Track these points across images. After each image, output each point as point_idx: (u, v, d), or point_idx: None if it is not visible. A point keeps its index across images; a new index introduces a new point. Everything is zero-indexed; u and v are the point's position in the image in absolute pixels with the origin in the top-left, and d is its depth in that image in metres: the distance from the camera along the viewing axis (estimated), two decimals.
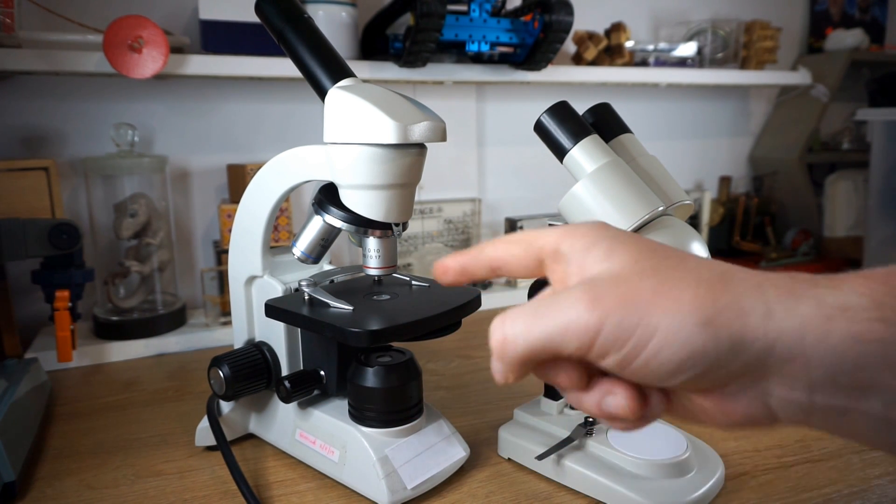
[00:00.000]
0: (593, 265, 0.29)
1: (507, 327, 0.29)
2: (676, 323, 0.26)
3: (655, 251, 0.28)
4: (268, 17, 0.53)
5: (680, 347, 0.26)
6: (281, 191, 0.54)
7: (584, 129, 0.49)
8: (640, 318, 0.26)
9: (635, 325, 0.26)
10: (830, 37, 1.44)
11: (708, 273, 0.27)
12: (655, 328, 0.26)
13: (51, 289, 0.76)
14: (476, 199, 1.16)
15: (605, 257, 0.28)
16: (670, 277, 0.27)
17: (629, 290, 0.26)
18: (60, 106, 0.94)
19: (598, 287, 0.27)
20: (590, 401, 0.30)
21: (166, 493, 0.54)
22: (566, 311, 0.27)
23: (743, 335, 0.25)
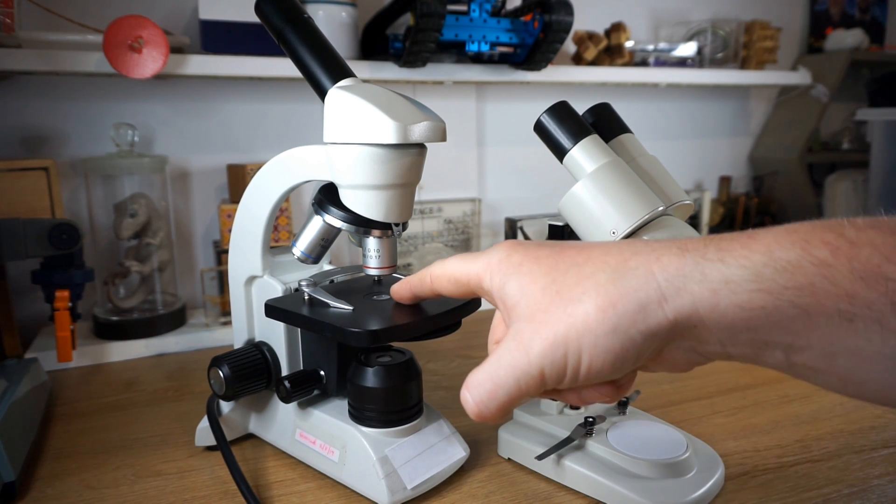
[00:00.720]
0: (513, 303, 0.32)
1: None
2: (592, 339, 0.29)
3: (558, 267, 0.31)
4: (268, 17, 0.53)
5: (605, 356, 0.29)
6: (281, 191, 0.54)
7: (584, 129, 0.49)
8: (565, 349, 0.30)
9: (564, 356, 0.30)
10: (830, 37, 1.44)
11: (603, 275, 0.30)
12: (578, 351, 0.30)
13: (51, 289, 0.76)
14: (476, 199, 1.16)
15: (520, 293, 0.32)
16: (574, 297, 0.30)
17: (547, 327, 0.30)
18: (60, 106, 0.94)
19: (523, 333, 0.31)
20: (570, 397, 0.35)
21: (166, 493, 0.54)
22: (513, 370, 0.31)
23: (647, 326, 0.29)
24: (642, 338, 0.29)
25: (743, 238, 0.29)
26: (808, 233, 0.27)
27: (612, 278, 0.30)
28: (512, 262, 0.33)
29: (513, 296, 0.32)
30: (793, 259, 0.27)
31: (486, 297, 0.35)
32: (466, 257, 0.36)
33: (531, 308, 0.31)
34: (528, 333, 0.30)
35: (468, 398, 0.33)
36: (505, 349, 0.31)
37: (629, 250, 0.31)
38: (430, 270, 0.38)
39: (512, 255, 0.33)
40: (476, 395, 0.32)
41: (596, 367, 0.30)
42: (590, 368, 0.30)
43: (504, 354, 0.31)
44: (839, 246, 0.26)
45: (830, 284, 0.26)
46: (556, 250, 0.33)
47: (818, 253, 0.27)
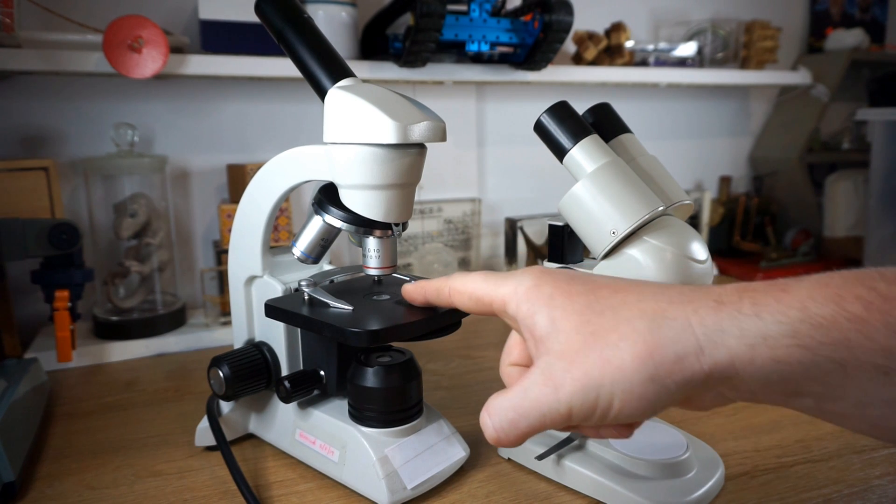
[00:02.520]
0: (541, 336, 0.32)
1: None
2: (627, 386, 0.29)
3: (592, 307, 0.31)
4: (268, 17, 0.53)
5: (637, 403, 0.30)
6: (281, 191, 0.54)
7: (584, 129, 0.49)
8: (597, 392, 0.30)
9: (595, 399, 0.30)
10: (830, 37, 1.44)
11: (640, 323, 0.30)
12: (612, 395, 0.30)
13: (51, 289, 0.76)
14: (476, 199, 1.16)
15: (550, 327, 0.32)
16: (610, 342, 0.30)
17: (580, 368, 0.30)
18: (60, 106, 0.94)
19: (554, 371, 0.31)
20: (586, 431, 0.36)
21: (166, 493, 0.54)
22: (538, 402, 0.31)
23: (683, 377, 0.29)
24: (676, 387, 0.29)
25: (776, 291, 0.29)
26: (840, 287, 0.28)
27: (650, 327, 0.30)
28: (542, 293, 0.33)
29: (543, 328, 0.32)
30: (827, 315, 0.27)
31: (508, 321, 0.35)
32: (490, 277, 0.36)
33: (563, 346, 0.31)
34: (560, 371, 0.30)
35: (488, 423, 0.33)
36: (532, 382, 0.31)
37: (665, 299, 0.31)
38: (451, 283, 0.38)
39: (542, 286, 0.33)
40: (497, 421, 0.32)
41: (626, 411, 0.30)
42: (619, 412, 0.30)
43: (531, 387, 0.31)
44: (872, 301, 0.27)
45: (866, 339, 0.27)
46: (589, 288, 0.32)
47: (852, 308, 0.27)
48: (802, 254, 1.35)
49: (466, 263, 1.16)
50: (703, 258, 0.48)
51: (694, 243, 0.47)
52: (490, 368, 0.81)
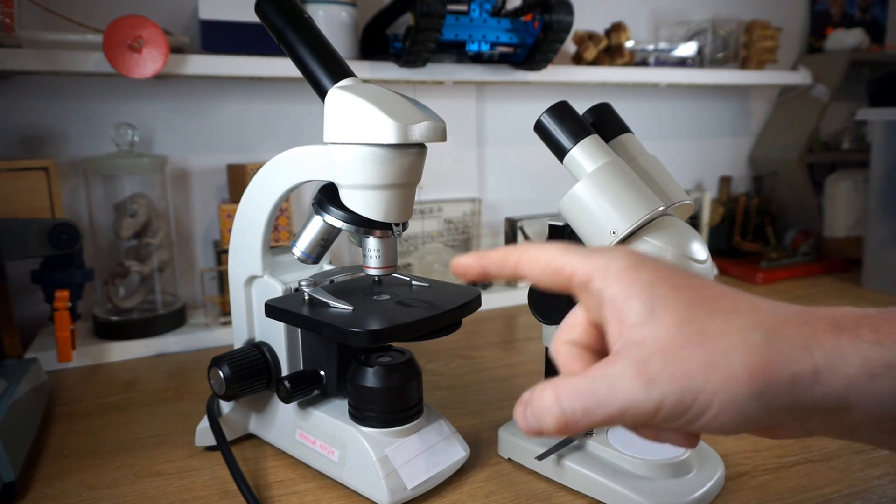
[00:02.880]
0: (634, 323, 0.29)
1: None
2: (729, 398, 0.27)
3: (699, 305, 0.28)
4: (268, 16, 0.53)
5: (735, 417, 0.27)
6: (281, 191, 0.54)
7: (584, 129, 0.49)
8: (695, 395, 0.27)
9: (692, 402, 0.27)
10: (830, 37, 1.43)
11: (755, 335, 0.27)
12: (710, 402, 0.27)
13: (51, 289, 0.76)
14: (476, 199, 1.16)
15: (647, 317, 0.28)
16: (720, 348, 0.27)
17: (682, 366, 0.27)
18: (60, 106, 0.94)
19: (650, 364, 0.27)
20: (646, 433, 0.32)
21: (166, 493, 0.54)
22: (624, 394, 0.28)
23: (791, 400, 0.27)
24: (779, 410, 0.27)
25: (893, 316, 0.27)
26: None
27: (766, 342, 0.27)
28: (640, 278, 0.29)
29: (637, 316, 0.29)
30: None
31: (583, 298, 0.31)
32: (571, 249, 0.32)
33: (663, 340, 0.28)
34: (657, 367, 0.28)
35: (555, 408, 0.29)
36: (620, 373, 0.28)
37: (781, 316, 0.28)
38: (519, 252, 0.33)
39: (640, 270, 0.30)
40: (569, 406, 0.29)
41: (718, 422, 0.27)
42: (711, 422, 0.27)
43: (618, 378, 0.28)
44: None
45: None
46: (694, 284, 0.30)
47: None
48: (802, 254, 1.36)
49: None
50: (704, 258, 0.48)
51: (694, 243, 0.47)
52: (490, 368, 0.81)
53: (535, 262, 0.32)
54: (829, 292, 1.18)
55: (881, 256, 1.19)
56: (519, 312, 1.06)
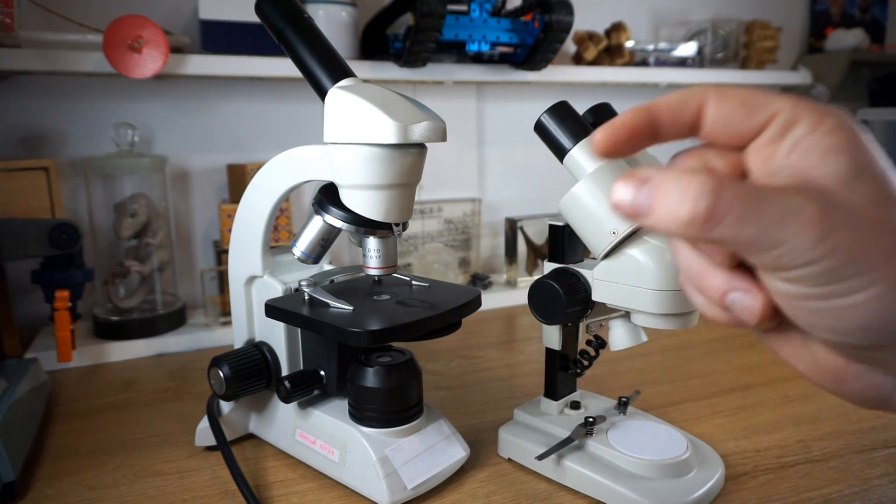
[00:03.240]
0: (828, 176, 0.24)
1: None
2: (890, 295, 0.23)
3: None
4: (268, 16, 0.53)
5: (874, 317, 0.23)
6: (281, 191, 0.54)
7: (584, 128, 0.49)
8: (859, 270, 0.23)
9: (850, 276, 0.23)
10: (830, 37, 1.44)
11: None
12: (866, 287, 0.23)
13: (51, 289, 0.76)
14: (476, 199, 1.16)
15: (848, 179, 0.24)
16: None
17: (865, 237, 0.23)
18: (60, 106, 0.94)
19: (835, 216, 0.23)
20: (717, 284, 0.27)
21: (166, 493, 0.54)
22: (790, 230, 0.23)
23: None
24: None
25: None
26: None
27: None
28: (854, 139, 0.25)
29: (839, 171, 0.24)
30: None
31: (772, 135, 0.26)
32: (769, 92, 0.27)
33: (856, 202, 0.24)
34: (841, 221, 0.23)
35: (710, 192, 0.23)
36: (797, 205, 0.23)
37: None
38: (702, 91, 0.27)
39: (855, 132, 0.25)
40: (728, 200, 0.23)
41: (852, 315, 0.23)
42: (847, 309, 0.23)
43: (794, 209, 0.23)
44: None
45: None
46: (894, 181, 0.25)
47: None
48: None
49: (466, 263, 1.16)
50: None
51: None
52: (490, 368, 0.81)
53: (729, 97, 0.27)
54: None
55: None
56: (519, 312, 1.06)
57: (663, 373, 0.79)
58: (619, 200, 0.25)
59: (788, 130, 0.25)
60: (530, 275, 1.13)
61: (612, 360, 0.82)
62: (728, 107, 0.26)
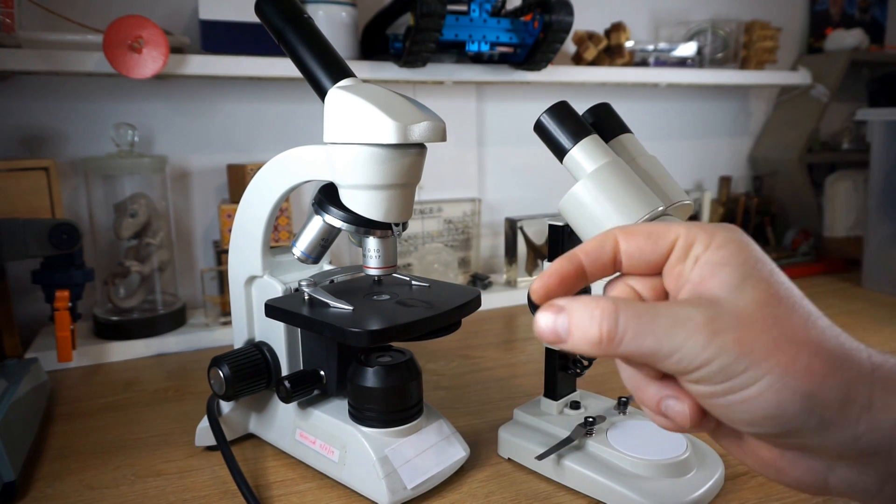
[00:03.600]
0: (717, 287, 0.27)
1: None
2: (780, 383, 0.26)
3: (785, 299, 0.27)
4: (268, 17, 0.53)
5: (771, 406, 0.26)
6: (281, 191, 0.54)
7: (584, 129, 0.49)
8: (748, 365, 0.26)
9: (741, 371, 0.26)
10: (830, 37, 1.44)
11: (829, 345, 0.27)
12: (757, 380, 0.26)
13: (51, 289, 0.76)
14: (476, 199, 1.16)
15: (735, 286, 0.27)
16: (791, 337, 0.26)
17: (748, 335, 0.26)
18: (60, 106, 0.94)
19: (720, 321, 0.26)
20: (651, 394, 0.30)
21: (166, 493, 0.54)
22: (681, 337, 0.26)
23: (835, 419, 0.26)
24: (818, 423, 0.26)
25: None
26: None
27: (837, 355, 0.26)
28: (742, 252, 0.28)
29: (726, 282, 0.27)
30: None
31: (678, 266, 0.29)
32: (667, 222, 0.31)
33: (740, 307, 0.27)
34: (725, 325, 0.26)
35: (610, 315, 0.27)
36: (686, 315, 0.27)
37: (854, 341, 0.28)
38: (613, 231, 0.31)
39: (744, 246, 0.28)
40: (624, 321, 0.27)
41: (751, 406, 0.26)
42: (745, 401, 0.26)
43: (684, 318, 0.27)
44: None
45: None
46: (789, 284, 0.29)
47: None
48: (802, 254, 1.36)
49: (466, 263, 1.16)
50: None
51: None
52: (490, 368, 0.81)
53: (635, 234, 0.31)
54: (828, 292, 1.18)
55: (881, 256, 1.19)
56: (519, 312, 1.06)
57: None
58: (542, 329, 0.29)
59: (689, 250, 0.29)
60: (530, 275, 1.13)
61: (612, 360, 0.82)
62: (636, 241, 0.30)
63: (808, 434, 0.26)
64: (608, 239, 0.31)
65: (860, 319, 1.01)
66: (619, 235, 0.31)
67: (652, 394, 0.30)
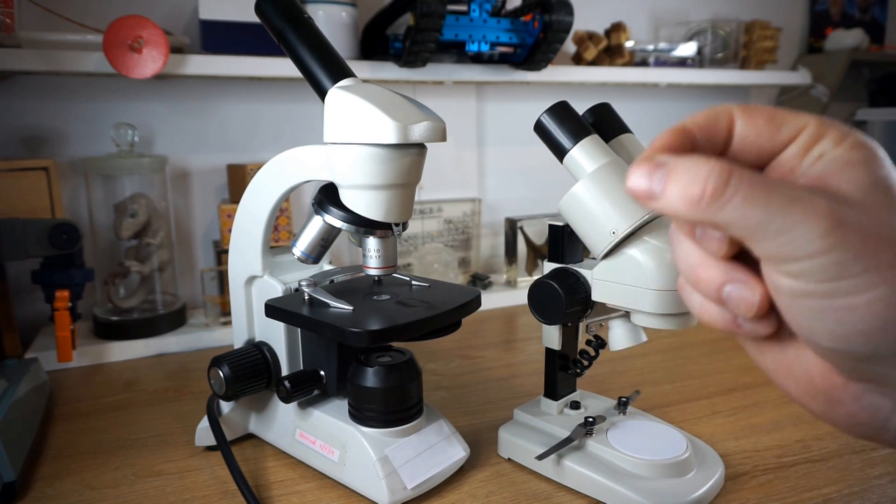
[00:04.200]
0: (847, 183, 0.24)
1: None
2: (883, 294, 0.22)
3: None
4: (268, 17, 0.53)
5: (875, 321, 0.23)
6: (281, 191, 0.54)
7: (584, 129, 0.49)
8: (867, 268, 0.23)
9: (857, 273, 0.23)
10: (830, 37, 1.44)
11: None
12: (873, 287, 0.23)
13: (51, 289, 0.76)
14: (476, 199, 1.16)
15: (865, 188, 0.24)
16: None
17: (876, 233, 0.23)
18: (60, 106, 0.94)
19: (846, 213, 0.23)
20: (713, 276, 0.26)
21: (166, 493, 0.54)
22: (798, 217, 0.23)
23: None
24: None
25: None
26: None
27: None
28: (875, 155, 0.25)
29: (856, 181, 0.24)
30: None
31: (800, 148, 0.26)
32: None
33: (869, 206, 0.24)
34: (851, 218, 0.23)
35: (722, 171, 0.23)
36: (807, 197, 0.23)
37: None
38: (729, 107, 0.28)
39: (875, 149, 0.25)
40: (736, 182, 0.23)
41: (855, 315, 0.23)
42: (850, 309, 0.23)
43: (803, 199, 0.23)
44: None
45: None
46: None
47: None
48: None
49: (466, 263, 1.16)
50: None
51: None
52: (490, 368, 0.81)
53: (756, 114, 0.27)
54: None
55: None
56: (519, 312, 1.06)
57: (663, 373, 0.79)
58: (633, 186, 0.25)
59: (815, 144, 0.25)
60: (530, 275, 1.13)
61: (612, 360, 0.82)
62: (756, 123, 0.27)
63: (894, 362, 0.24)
64: (723, 113, 0.27)
65: None
66: (737, 112, 0.27)
67: (715, 275, 0.26)
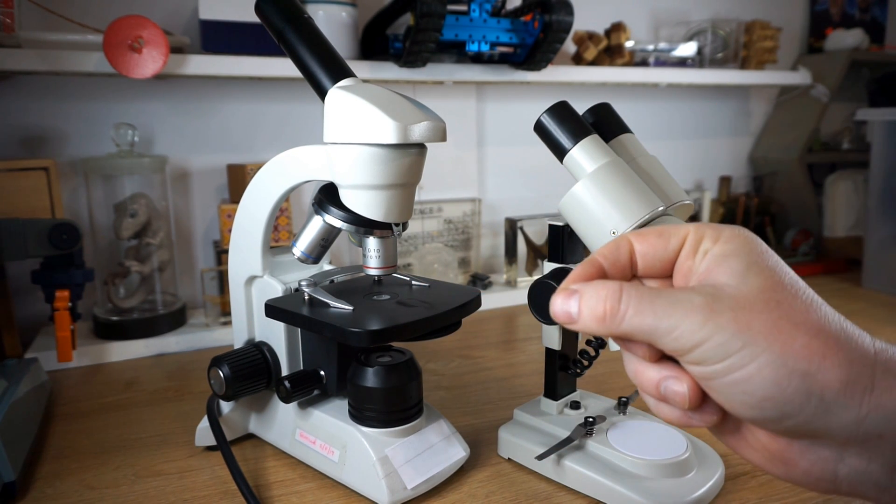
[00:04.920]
0: (722, 275, 0.28)
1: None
2: (778, 361, 0.26)
3: (788, 286, 0.28)
4: (268, 17, 0.53)
5: (769, 385, 0.26)
6: (281, 191, 0.54)
7: (584, 129, 0.49)
8: (745, 343, 0.26)
9: (738, 349, 0.26)
10: (830, 37, 1.44)
11: (830, 328, 0.27)
12: (755, 357, 0.26)
13: (51, 289, 0.76)
14: (476, 199, 1.16)
15: (740, 274, 0.28)
16: (791, 318, 0.27)
17: (747, 315, 0.27)
18: (60, 106, 0.94)
19: (719, 303, 0.27)
20: (651, 375, 0.31)
21: (166, 493, 0.54)
22: (680, 317, 0.27)
23: (836, 400, 0.26)
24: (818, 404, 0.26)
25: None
26: None
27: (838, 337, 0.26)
28: (748, 246, 0.29)
29: (731, 271, 0.28)
30: None
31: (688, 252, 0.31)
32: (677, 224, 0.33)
33: (742, 293, 0.27)
34: (724, 307, 0.27)
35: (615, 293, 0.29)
36: (686, 297, 0.28)
37: (858, 329, 0.28)
38: (626, 235, 0.33)
39: (750, 241, 0.30)
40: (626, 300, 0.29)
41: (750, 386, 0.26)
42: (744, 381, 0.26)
43: (684, 300, 0.28)
44: None
45: None
46: (795, 277, 0.29)
47: None
48: (802, 254, 1.36)
49: (466, 263, 1.16)
50: None
51: None
52: (490, 368, 0.81)
53: (646, 234, 0.32)
54: (829, 292, 1.18)
55: (881, 256, 1.19)
56: (519, 312, 1.06)
57: None
58: (555, 311, 0.31)
59: (699, 245, 0.30)
60: (530, 275, 1.13)
61: (612, 360, 0.82)
62: (649, 241, 0.32)
63: (810, 416, 0.26)
64: (622, 241, 0.32)
65: (860, 319, 1.01)
66: (632, 237, 0.32)
67: (651, 376, 0.31)
